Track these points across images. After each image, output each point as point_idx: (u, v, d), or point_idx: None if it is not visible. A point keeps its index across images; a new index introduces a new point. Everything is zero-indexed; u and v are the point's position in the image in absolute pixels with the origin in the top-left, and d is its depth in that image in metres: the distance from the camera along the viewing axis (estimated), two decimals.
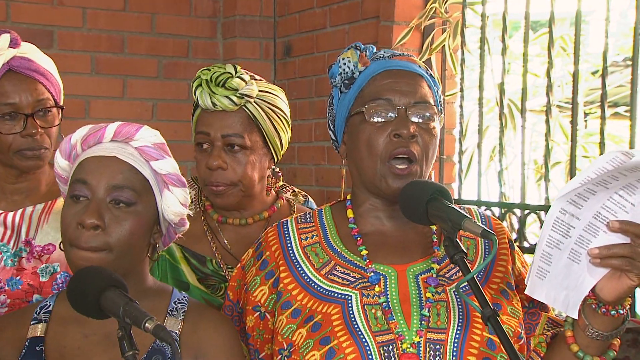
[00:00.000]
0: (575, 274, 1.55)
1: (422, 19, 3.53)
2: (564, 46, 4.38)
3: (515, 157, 4.02)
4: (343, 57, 1.76)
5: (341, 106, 1.77)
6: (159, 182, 1.69)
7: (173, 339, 1.38)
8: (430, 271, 1.69)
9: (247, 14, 4.46)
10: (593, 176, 1.47)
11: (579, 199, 1.51)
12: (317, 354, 1.60)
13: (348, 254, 1.72)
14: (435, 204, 1.59)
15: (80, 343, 1.66)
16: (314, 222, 1.79)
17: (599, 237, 1.53)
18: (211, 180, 2.10)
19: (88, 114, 4.20)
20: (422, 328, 1.61)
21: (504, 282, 1.72)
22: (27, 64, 2.04)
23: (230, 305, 1.82)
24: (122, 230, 1.62)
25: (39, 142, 2.05)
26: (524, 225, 3.19)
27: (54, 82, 2.10)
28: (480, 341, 1.60)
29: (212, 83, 2.07)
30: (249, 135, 2.09)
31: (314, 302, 1.67)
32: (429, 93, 1.73)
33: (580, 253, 1.54)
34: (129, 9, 4.33)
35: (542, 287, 1.56)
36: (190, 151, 4.97)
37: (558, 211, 1.52)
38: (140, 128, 1.69)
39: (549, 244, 1.54)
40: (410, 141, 1.67)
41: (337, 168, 4.25)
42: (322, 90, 4.13)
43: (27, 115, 2.02)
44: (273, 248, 1.76)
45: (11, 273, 2.06)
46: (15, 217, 2.09)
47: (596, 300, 1.56)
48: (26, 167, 2.07)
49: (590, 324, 1.58)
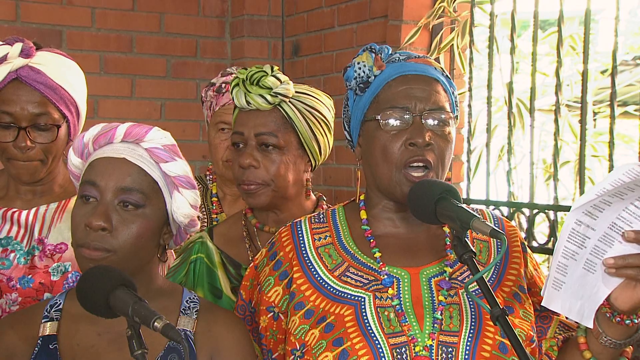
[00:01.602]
0: (590, 283, 1.55)
1: (430, 18, 3.53)
2: (573, 45, 4.36)
3: (524, 157, 4.01)
4: (358, 60, 1.74)
5: (356, 109, 1.76)
6: (169, 184, 1.69)
7: (182, 338, 1.39)
8: (443, 274, 1.69)
9: (255, 14, 4.46)
10: (609, 188, 1.46)
11: (594, 210, 1.51)
12: (330, 355, 1.60)
13: (361, 255, 1.72)
14: (444, 203, 1.59)
15: (94, 341, 1.67)
16: (328, 223, 1.79)
17: (614, 247, 1.52)
18: (243, 178, 2.06)
19: (97, 114, 4.21)
20: (434, 331, 1.61)
21: (517, 285, 1.72)
22: (35, 75, 2.01)
23: (242, 305, 1.82)
24: (129, 232, 1.63)
25: (28, 156, 2.03)
26: (533, 224, 3.18)
27: (66, 96, 2.06)
28: (492, 344, 1.60)
29: (248, 82, 2.06)
30: (283, 135, 2.06)
31: (327, 303, 1.67)
32: (445, 97, 1.72)
33: (595, 263, 1.54)
34: (137, 8, 4.34)
35: (557, 298, 1.55)
36: (198, 151, 4.97)
37: (574, 222, 1.51)
38: (150, 129, 1.69)
39: (565, 255, 1.53)
40: (426, 149, 1.66)
41: (346, 168, 4.26)
42: (331, 90, 4.12)
43: (20, 127, 2.01)
44: (287, 248, 1.76)
45: (23, 271, 2.07)
46: (29, 216, 2.09)
47: (611, 309, 1.56)
48: (16, 175, 2.07)
49: (604, 332, 1.58)
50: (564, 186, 4.29)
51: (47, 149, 2.04)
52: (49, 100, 2.03)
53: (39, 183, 2.11)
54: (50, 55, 2.08)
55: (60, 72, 2.06)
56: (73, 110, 2.08)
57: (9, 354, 1.67)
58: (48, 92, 2.02)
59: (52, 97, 2.03)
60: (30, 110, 2.01)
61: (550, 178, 3.37)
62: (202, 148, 4.31)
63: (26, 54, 2.02)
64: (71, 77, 2.09)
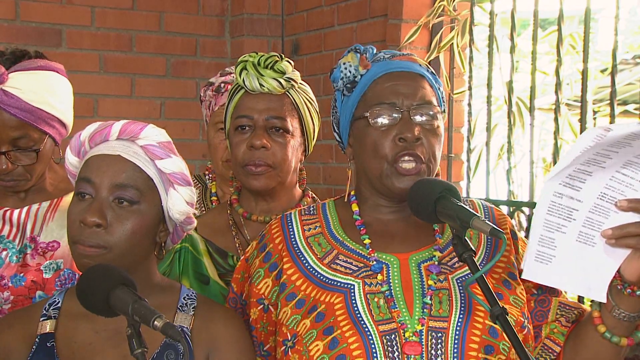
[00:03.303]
0: (591, 256, 1.54)
1: (430, 17, 3.53)
2: (573, 44, 4.37)
3: (524, 156, 4.01)
4: (344, 61, 1.78)
5: (345, 109, 1.79)
6: (164, 181, 1.69)
7: (182, 337, 1.39)
8: (433, 259, 1.70)
9: (255, 13, 4.46)
10: (578, 154, 1.46)
11: (573, 181, 1.50)
12: (320, 344, 1.61)
13: (351, 242, 1.74)
14: (444, 202, 1.60)
15: (91, 339, 1.67)
16: (318, 215, 1.81)
17: (611, 217, 1.52)
18: (253, 159, 2.04)
19: (96, 113, 4.21)
20: (424, 316, 1.62)
21: (506, 272, 1.73)
22: (9, 100, 1.96)
23: (234, 298, 1.83)
24: (124, 229, 1.63)
25: (11, 176, 2.02)
26: None
27: (45, 116, 2.00)
28: (482, 329, 1.61)
29: (260, 66, 2.06)
30: (291, 120, 2.08)
31: (318, 292, 1.68)
32: (431, 92, 1.74)
33: (592, 235, 1.54)
34: (137, 7, 4.34)
35: (547, 271, 1.55)
36: (198, 150, 4.96)
37: (552, 194, 1.51)
38: (145, 126, 1.70)
39: (548, 228, 1.53)
40: (415, 144, 1.68)
41: (345, 166, 4.25)
42: (330, 89, 4.10)
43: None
44: (277, 240, 1.77)
45: (15, 270, 2.07)
46: (21, 214, 2.09)
47: (621, 281, 1.57)
48: (3, 188, 2.07)
49: (616, 305, 1.59)
50: None
51: (30, 168, 2.04)
52: (27, 122, 1.99)
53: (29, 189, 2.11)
54: (25, 75, 2.01)
55: (37, 93, 2.00)
56: (56, 124, 2.05)
57: (7, 353, 1.67)
58: (25, 116, 1.98)
59: (30, 119, 1.98)
60: (9, 134, 1.98)
61: None
62: (202, 147, 4.31)
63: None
64: (50, 94, 2.03)
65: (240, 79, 2.06)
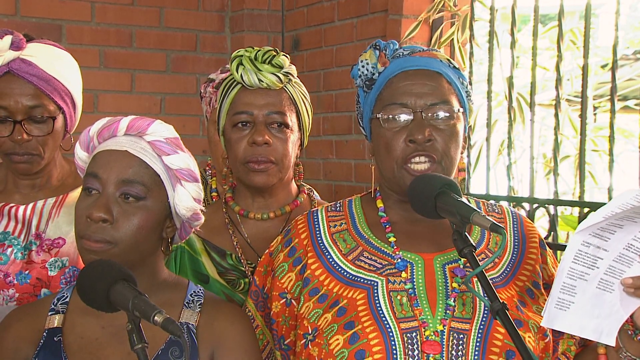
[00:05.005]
0: (607, 302, 1.56)
1: (430, 12, 3.52)
2: (573, 39, 4.37)
3: (524, 151, 4.01)
4: (362, 58, 1.77)
5: (366, 105, 1.79)
6: (171, 177, 1.69)
7: (182, 332, 1.39)
8: (458, 261, 1.70)
9: (255, 8, 4.45)
10: (617, 211, 1.47)
11: (603, 232, 1.51)
12: (340, 338, 1.61)
13: (376, 240, 1.74)
14: (444, 197, 1.59)
15: (98, 334, 1.68)
16: (344, 211, 1.81)
17: (633, 267, 1.54)
18: (255, 155, 2.02)
19: (97, 108, 4.21)
20: (446, 317, 1.62)
21: (530, 280, 1.73)
22: (27, 68, 1.99)
23: (256, 291, 1.83)
24: (130, 224, 1.64)
25: (25, 149, 2.02)
26: (533, 219, 3.19)
27: (60, 87, 2.03)
28: (504, 333, 1.60)
29: (258, 61, 2.04)
30: (290, 115, 2.06)
31: (340, 287, 1.68)
32: (449, 90, 1.73)
33: (612, 282, 1.55)
34: (137, 3, 4.33)
35: (564, 318, 1.55)
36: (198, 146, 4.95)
37: (580, 244, 1.51)
38: (153, 122, 1.70)
39: (572, 276, 1.53)
40: (426, 145, 1.68)
41: (345, 162, 4.25)
42: (330, 85, 4.13)
43: (15, 121, 1.99)
44: (302, 236, 1.77)
45: (20, 266, 2.06)
46: (26, 211, 2.09)
47: (633, 327, 1.58)
48: (16, 169, 2.07)
49: (624, 347, 1.60)
50: (564, 181, 4.29)
51: (43, 141, 2.03)
52: (42, 92, 2.01)
53: (37, 176, 2.10)
54: (41, 46, 2.06)
55: (52, 63, 2.04)
56: (68, 101, 2.06)
57: (16, 347, 1.68)
58: (41, 84, 2.00)
59: (46, 88, 2.01)
60: (24, 103, 1.99)
61: (551, 172, 3.37)
62: (202, 143, 4.29)
63: (16, 46, 2.00)
64: (64, 68, 2.07)
65: (237, 74, 2.05)
